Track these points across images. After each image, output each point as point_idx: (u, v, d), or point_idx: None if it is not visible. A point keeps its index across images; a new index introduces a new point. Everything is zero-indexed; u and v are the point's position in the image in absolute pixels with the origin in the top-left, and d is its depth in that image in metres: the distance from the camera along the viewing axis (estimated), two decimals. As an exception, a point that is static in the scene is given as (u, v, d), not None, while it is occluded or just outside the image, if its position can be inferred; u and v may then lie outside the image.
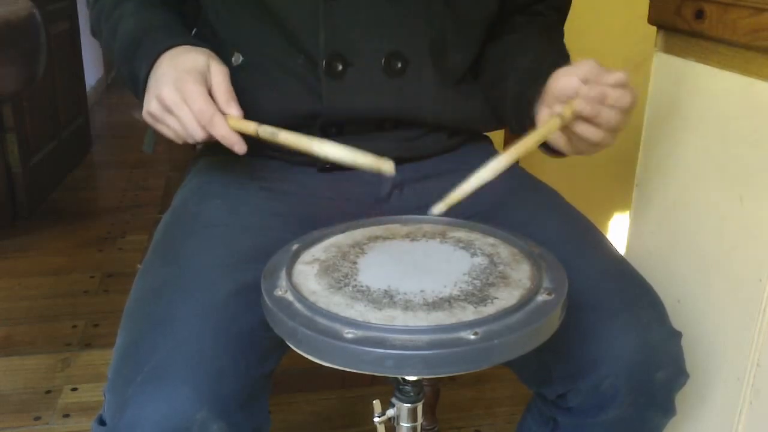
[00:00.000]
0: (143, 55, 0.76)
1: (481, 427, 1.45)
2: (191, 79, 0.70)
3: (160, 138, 1.12)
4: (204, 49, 0.75)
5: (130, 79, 0.78)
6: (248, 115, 0.83)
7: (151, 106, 0.72)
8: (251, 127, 0.71)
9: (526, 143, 0.68)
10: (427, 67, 0.82)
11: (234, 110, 0.71)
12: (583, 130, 0.70)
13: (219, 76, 0.72)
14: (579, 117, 0.69)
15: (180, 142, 0.73)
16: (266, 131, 0.71)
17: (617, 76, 0.68)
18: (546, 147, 0.78)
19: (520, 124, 0.80)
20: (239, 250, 0.74)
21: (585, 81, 0.69)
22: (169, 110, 0.71)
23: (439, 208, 0.67)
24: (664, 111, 0.92)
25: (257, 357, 0.68)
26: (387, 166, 0.67)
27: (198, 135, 0.70)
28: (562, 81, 0.70)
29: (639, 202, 0.99)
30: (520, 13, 0.90)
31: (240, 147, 0.71)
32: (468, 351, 0.51)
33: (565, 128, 0.71)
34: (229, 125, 0.70)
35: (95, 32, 0.89)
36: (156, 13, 0.82)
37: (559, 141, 0.74)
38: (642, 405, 0.74)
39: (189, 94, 0.69)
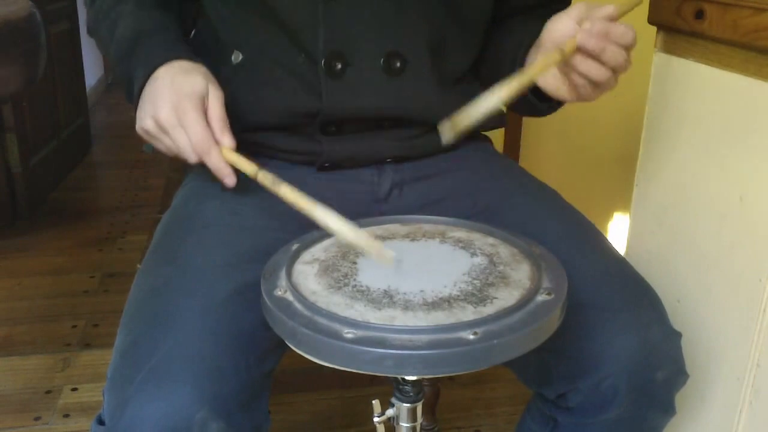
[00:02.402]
0: (139, 62, 0.76)
1: (481, 427, 1.45)
2: (191, 107, 0.71)
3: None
4: (202, 69, 0.75)
5: (125, 82, 0.79)
6: (248, 114, 0.83)
7: (146, 123, 0.73)
8: (251, 169, 0.71)
9: (529, 72, 0.66)
10: (426, 66, 0.82)
11: (227, 140, 0.73)
12: (588, 67, 0.68)
13: (216, 102, 0.73)
14: (583, 53, 0.67)
15: (171, 155, 0.74)
16: (266, 178, 0.70)
17: (611, 8, 0.67)
18: (546, 98, 0.76)
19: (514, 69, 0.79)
20: (239, 249, 0.74)
21: (579, 21, 0.67)
22: (165, 131, 0.72)
23: (447, 126, 0.65)
24: (664, 111, 0.92)
25: (257, 357, 0.68)
26: (387, 258, 0.63)
27: (191, 160, 0.72)
28: (557, 25, 0.70)
29: (639, 202, 0.99)
30: (519, 14, 0.90)
31: (231, 180, 0.73)
32: (468, 351, 0.51)
33: (568, 71, 0.70)
34: (228, 159, 0.72)
35: (92, 31, 0.89)
36: (154, 16, 0.82)
37: (561, 86, 0.72)
38: (642, 405, 0.74)
39: (188, 123, 0.70)
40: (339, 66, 0.79)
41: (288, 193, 0.68)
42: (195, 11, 0.90)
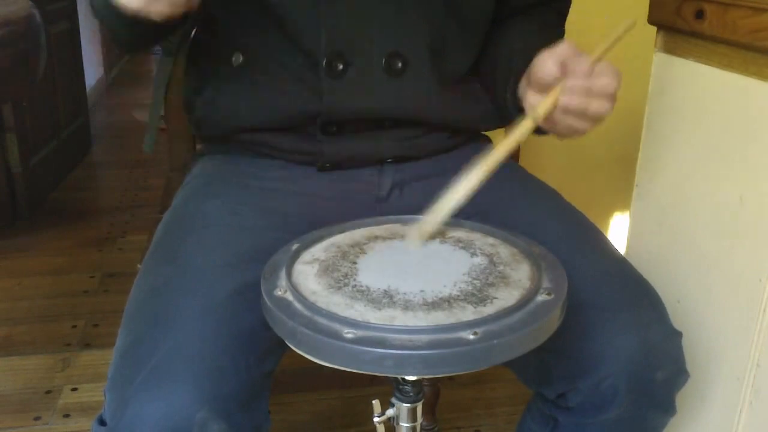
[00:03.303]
0: None
1: (481, 427, 1.45)
2: None
3: (160, 138, 1.13)
4: None
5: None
6: (249, 114, 0.83)
7: None
8: None
9: (498, 153, 0.69)
10: (427, 67, 0.82)
11: None
12: (572, 122, 0.70)
13: None
14: (566, 111, 0.69)
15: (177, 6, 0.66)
16: None
17: (589, 61, 0.67)
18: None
19: (506, 100, 0.81)
20: (239, 249, 0.74)
21: (563, 65, 0.68)
22: None
23: (414, 236, 0.68)
24: (664, 111, 0.92)
25: (257, 357, 0.68)
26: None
27: None
28: (541, 67, 0.70)
29: (639, 202, 0.99)
30: (520, 15, 0.90)
31: None
32: (467, 351, 0.51)
33: (552, 125, 0.72)
34: None
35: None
36: None
37: (548, 126, 0.73)
38: (642, 404, 0.74)
39: None
40: (340, 66, 0.79)
41: None
42: (195, 12, 0.90)
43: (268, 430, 0.72)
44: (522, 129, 0.70)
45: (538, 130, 0.76)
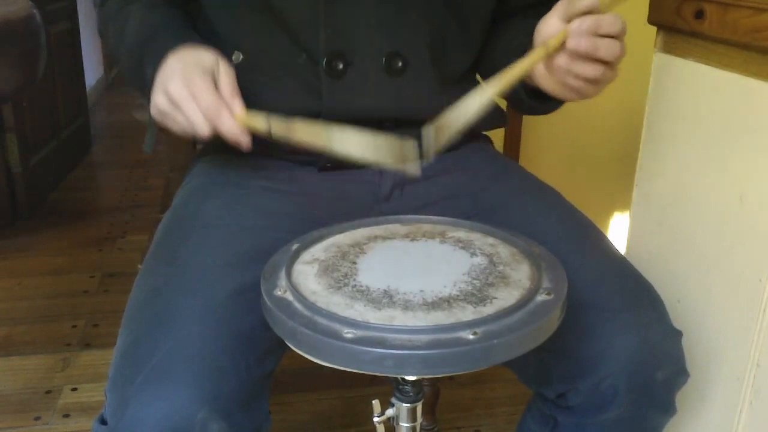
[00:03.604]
0: (151, 54, 0.76)
1: (481, 427, 1.45)
2: (199, 74, 0.70)
3: (160, 138, 1.13)
4: (212, 49, 0.75)
5: (138, 79, 0.78)
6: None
7: (158, 100, 0.72)
8: (261, 122, 0.69)
9: (510, 73, 0.66)
10: (427, 66, 0.82)
11: (237, 106, 0.71)
12: (584, 68, 0.67)
13: (226, 74, 0.72)
14: (576, 55, 0.66)
15: (187, 137, 0.73)
16: (280, 126, 0.68)
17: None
18: (547, 98, 0.76)
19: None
20: (239, 250, 0.74)
21: (565, 17, 0.67)
22: (176, 105, 0.70)
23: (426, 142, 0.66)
24: (664, 111, 0.92)
25: (257, 357, 0.68)
26: (412, 167, 0.64)
27: (204, 130, 0.70)
28: (546, 26, 0.69)
29: (639, 202, 0.99)
30: (520, 14, 0.90)
31: (246, 142, 0.70)
32: (467, 351, 0.51)
33: (564, 75, 0.69)
34: (240, 122, 0.70)
35: (102, 32, 0.89)
36: (163, 14, 0.83)
37: (560, 87, 0.72)
38: (642, 404, 0.74)
39: (196, 89, 0.69)
40: (340, 66, 0.79)
41: (304, 129, 0.67)
42: (195, 11, 0.90)
43: (268, 430, 0.72)
44: (534, 56, 0.67)
45: (548, 103, 0.74)
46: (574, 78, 0.69)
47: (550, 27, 0.69)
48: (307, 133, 0.67)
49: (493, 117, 0.90)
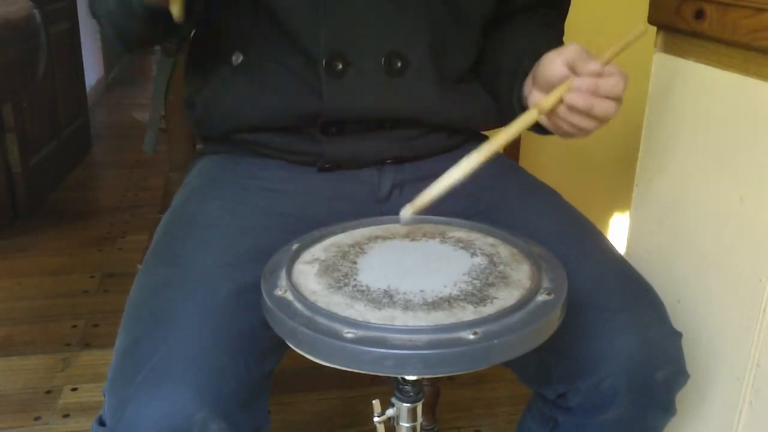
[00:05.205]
0: None
1: (481, 427, 1.45)
2: None
3: (160, 138, 1.13)
4: None
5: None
6: (249, 115, 0.83)
7: None
8: None
9: (500, 139, 0.69)
10: (426, 67, 0.82)
11: None
12: (578, 120, 0.70)
13: None
14: (572, 109, 0.69)
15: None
16: None
17: (599, 64, 0.68)
18: (542, 128, 0.77)
19: (511, 99, 0.80)
20: (239, 250, 0.74)
21: (571, 66, 0.69)
22: None
23: (407, 211, 0.66)
24: (664, 111, 0.92)
25: (257, 357, 0.68)
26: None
27: None
28: (549, 67, 0.71)
29: (639, 202, 0.99)
30: (519, 14, 0.90)
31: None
32: (467, 351, 0.51)
33: (557, 121, 0.72)
34: None
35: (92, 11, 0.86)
36: None
37: (552, 126, 0.74)
38: (642, 405, 0.74)
39: None
40: (340, 66, 0.79)
41: None
42: (195, 11, 0.90)
43: (268, 430, 0.72)
44: (526, 119, 0.70)
45: (542, 130, 0.76)
46: (568, 125, 0.71)
47: (553, 69, 0.70)
48: None
49: (493, 117, 0.90)
